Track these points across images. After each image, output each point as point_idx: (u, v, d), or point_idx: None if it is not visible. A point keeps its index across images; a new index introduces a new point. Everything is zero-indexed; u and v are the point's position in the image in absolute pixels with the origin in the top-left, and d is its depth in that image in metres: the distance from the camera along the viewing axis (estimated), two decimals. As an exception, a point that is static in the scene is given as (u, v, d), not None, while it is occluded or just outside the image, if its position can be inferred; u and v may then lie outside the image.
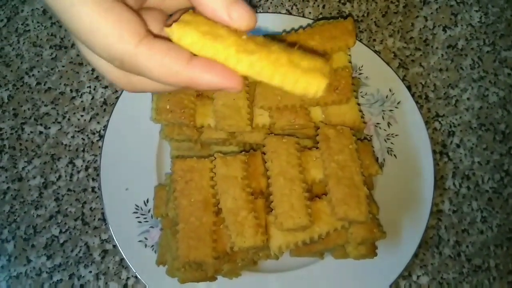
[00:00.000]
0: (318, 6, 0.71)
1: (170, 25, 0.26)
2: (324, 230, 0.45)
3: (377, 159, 0.59)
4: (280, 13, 0.70)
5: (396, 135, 0.61)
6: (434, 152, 0.63)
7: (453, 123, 0.66)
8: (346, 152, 0.46)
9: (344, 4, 0.71)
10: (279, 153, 0.47)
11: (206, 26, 0.26)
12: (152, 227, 0.57)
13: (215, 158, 0.47)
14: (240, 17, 0.26)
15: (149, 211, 0.58)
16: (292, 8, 0.71)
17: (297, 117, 0.51)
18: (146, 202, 0.58)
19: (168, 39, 0.26)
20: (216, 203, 0.46)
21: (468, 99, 0.67)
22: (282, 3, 0.71)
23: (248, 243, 0.43)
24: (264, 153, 0.48)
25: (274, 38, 0.35)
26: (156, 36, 0.27)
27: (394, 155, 0.61)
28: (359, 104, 0.52)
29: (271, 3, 0.71)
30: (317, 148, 0.49)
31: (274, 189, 0.45)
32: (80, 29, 0.25)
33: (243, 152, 0.49)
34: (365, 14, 0.70)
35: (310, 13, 0.71)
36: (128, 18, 0.25)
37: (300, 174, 0.46)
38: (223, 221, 0.45)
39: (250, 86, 0.53)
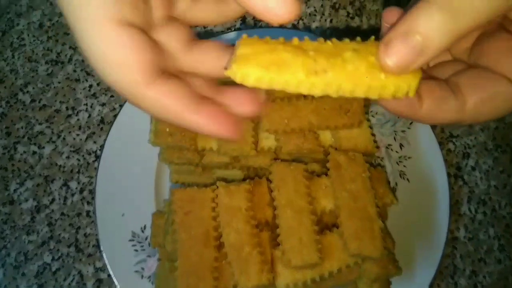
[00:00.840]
0: (326, 20, 0.68)
1: (228, 67, 0.23)
2: (335, 267, 0.41)
3: (388, 183, 0.56)
4: (285, 27, 0.67)
5: (409, 158, 0.58)
6: (448, 175, 0.60)
7: (468, 144, 0.63)
8: (358, 180, 0.43)
9: (352, 18, 0.68)
10: (286, 182, 0.43)
11: (266, 54, 0.23)
12: (149, 256, 0.54)
13: (217, 187, 0.44)
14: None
15: (146, 238, 0.54)
16: (298, 22, 0.68)
17: (305, 141, 0.47)
18: (143, 229, 0.55)
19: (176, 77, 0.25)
20: (218, 236, 0.42)
21: (483, 119, 0.64)
22: (287, 18, 0.68)
23: (252, 282, 0.39)
24: (270, 181, 0.45)
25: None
26: (169, 73, 0.25)
27: (407, 179, 0.57)
28: (371, 127, 0.49)
29: (276, 17, 0.68)
30: (326, 174, 0.46)
31: (281, 222, 0.42)
32: (90, 48, 0.23)
33: (248, 180, 0.46)
34: (375, 29, 0.67)
35: (317, 27, 0.68)
36: (145, 49, 0.23)
37: (309, 205, 0.42)
38: (226, 257, 0.41)
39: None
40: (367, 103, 0.51)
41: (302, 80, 0.23)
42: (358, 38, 0.25)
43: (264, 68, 0.23)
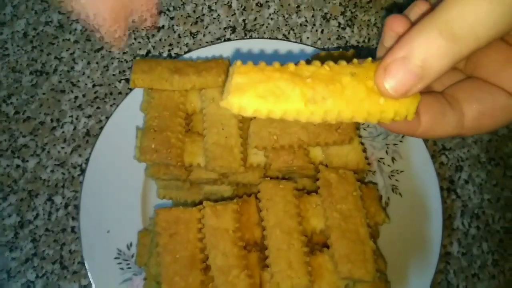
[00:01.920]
0: (317, 31, 0.67)
1: (224, 97, 0.23)
2: (326, 290, 0.40)
3: (381, 198, 0.55)
4: (276, 38, 0.66)
5: (401, 172, 0.57)
6: (441, 188, 0.59)
7: (461, 157, 0.62)
8: (349, 200, 0.42)
9: (343, 29, 0.67)
10: (275, 201, 0.42)
11: (262, 83, 0.23)
12: (135, 274, 0.52)
13: (204, 206, 0.42)
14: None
15: (132, 256, 0.53)
16: (289, 33, 0.67)
17: (295, 158, 0.46)
18: (129, 246, 0.53)
19: None
20: (204, 259, 0.41)
21: (476, 131, 0.63)
22: (278, 27, 0.67)
23: (240, 307, 0.38)
24: (259, 199, 0.44)
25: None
26: None
27: (399, 193, 0.56)
28: (362, 143, 0.48)
29: (266, 27, 0.67)
30: (316, 192, 0.45)
31: (269, 243, 0.41)
32: None
33: (236, 199, 0.44)
34: (366, 40, 0.66)
35: (308, 38, 0.67)
36: None
37: (299, 225, 0.41)
38: (212, 280, 0.40)
39: (244, 122, 0.48)
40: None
41: (301, 110, 0.23)
42: (355, 60, 0.24)
43: (262, 99, 0.22)
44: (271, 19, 0.67)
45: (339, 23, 0.67)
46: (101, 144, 0.57)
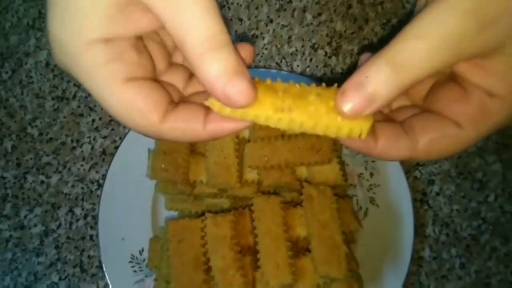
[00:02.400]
0: (306, 59, 0.75)
1: (208, 97, 0.27)
2: (307, 287, 0.48)
3: (360, 209, 0.63)
4: (270, 66, 0.75)
5: (378, 185, 0.65)
6: (414, 200, 0.67)
7: (433, 172, 0.70)
8: (327, 212, 0.50)
9: (330, 57, 0.76)
10: (265, 213, 0.50)
11: None
12: (146, 276, 0.60)
13: (206, 218, 0.51)
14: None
15: (144, 260, 0.61)
16: (281, 61, 0.75)
17: (283, 175, 0.54)
18: (141, 252, 0.61)
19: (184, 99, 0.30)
20: (206, 261, 0.49)
21: (447, 148, 0.71)
22: (272, 56, 0.76)
23: (236, 301, 0.46)
24: (252, 211, 0.52)
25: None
26: (177, 101, 0.29)
27: (377, 204, 0.64)
28: (341, 163, 0.56)
29: (261, 56, 0.76)
30: (301, 205, 0.53)
31: (260, 248, 0.49)
32: (103, 98, 0.27)
33: (232, 211, 0.53)
34: (350, 67, 0.75)
35: (298, 65, 0.75)
36: (152, 94, 0.27)
37: (285, 233, 0.49)
38: (213, 279, 0.48)
39: (240, 145, 0.57)
40: (337, 143, 0.58)
41: (270, 116, 0.27)
42: (323, 84, 0.29)
43: None
44: (266, 49, 0.76)
45: (326, 52, 0.76)
46: (116, 162, 0.65)
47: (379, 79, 0.25)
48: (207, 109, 0.28)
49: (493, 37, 0.26)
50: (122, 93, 0.26)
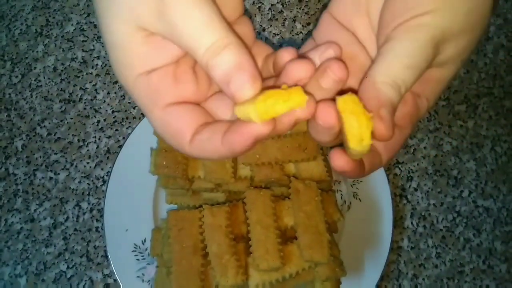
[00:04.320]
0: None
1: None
2: (294, 270, 0.54)
3: (344, 202, 0.69)
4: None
5: (360, 181, 0.71)
6: (394, 195, 0.73)
7: (411, 169, 0.76)
8: (312, 203, 0.56)
9: (318, 63, 0.81)
10: (257, 204, 0.56)
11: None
12: (148, 264, 0.66)
13: (204, 209, 0.56)
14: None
15: (146, 249, 0.67)
16: (273, 67, 0.81)
17: (273, 172, 0.60)
18: (143, 242, 0.67)
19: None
20: (204, 247, 0.55)
21: (424, 148, 0.77)
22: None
23: (230, 282, 0.52)
24: (245, 203, 0.58)
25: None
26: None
27: (359, 198, 0.70)
28: (325, 161, 0.62)
29: (254, 62, 0.81)
30: (289, 198, 0.59)
31: (252, 236, 0.54)
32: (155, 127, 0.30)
33: (227, 203, 0.58)
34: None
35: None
36: (194, 119, 0.29)
37: (274, 222, 0.55)
38: (210, 263, 0.54)
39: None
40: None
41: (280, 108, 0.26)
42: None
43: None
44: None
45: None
46: (120, 160, 0.71)
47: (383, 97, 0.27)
48: (229, 125, 0.28)
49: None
50: (156, 121, 0.30)
